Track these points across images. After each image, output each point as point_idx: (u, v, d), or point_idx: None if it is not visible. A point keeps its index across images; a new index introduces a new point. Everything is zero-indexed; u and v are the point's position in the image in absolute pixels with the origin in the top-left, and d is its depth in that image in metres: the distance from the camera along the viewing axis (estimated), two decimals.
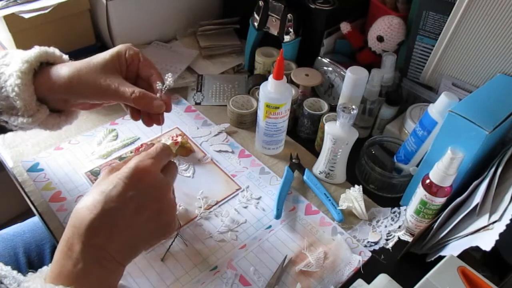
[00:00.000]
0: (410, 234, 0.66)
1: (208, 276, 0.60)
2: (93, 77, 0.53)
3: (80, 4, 0.88)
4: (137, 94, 0.52)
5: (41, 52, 0.55)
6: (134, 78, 0.57)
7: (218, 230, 0.65)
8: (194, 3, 1.02)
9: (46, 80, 0.54)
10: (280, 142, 0.77)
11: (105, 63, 0.54)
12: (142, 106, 0.53)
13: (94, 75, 0.53)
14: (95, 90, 0.53)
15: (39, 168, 0.72)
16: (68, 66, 0.55)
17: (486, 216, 0.55)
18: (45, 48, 0.56)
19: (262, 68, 0.90)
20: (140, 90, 0.53)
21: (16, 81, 0.52)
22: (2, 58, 0.55)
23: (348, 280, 0.60)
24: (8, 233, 0.77)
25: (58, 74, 0.54)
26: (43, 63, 0.55)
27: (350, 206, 0.68)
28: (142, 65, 0.56)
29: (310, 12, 0.83)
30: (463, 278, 0.48)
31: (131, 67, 0.56)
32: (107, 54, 0.55)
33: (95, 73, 0.53)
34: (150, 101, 0.53)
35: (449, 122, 0.59)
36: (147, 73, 0.56)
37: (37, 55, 0.54)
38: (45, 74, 0.54)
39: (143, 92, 0.53)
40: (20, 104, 0.52)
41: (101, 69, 0.54)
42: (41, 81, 0.54)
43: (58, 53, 0.57)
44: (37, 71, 0.54)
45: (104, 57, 0.55)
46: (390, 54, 0.78)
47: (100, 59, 0.54)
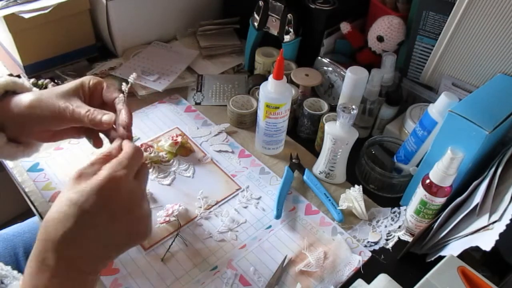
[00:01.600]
0: (410, 234, 0.66)
1: (208, 276, 0.60)
2: (52, 101, 0.54)
3: (80, 4, 0.88)
4: (91, 112, 0.54)
5: (9, 81, 0.56)
6: (100, 105, 0.58)
7: (218, 230, 0.65)
8: (194, 3, 1.02)
9: (7, 107, 0.55)
10: (280, 142, 0.77)
11: (67, 90, 0.56)
12: (94, 123, 0.54)
13: (54, 100, 0.55)
14: (52, 113, 0.54)
15: (39, 168, 0.72)
16: (31, 93, 0.57)
17: (486, 216, 0.55)
18: (14, 78, 0.58)
19: (262, 68, 0.90)
20: (94, 109, 0.54)
21: None
22: None
23: (348, 280, 0.60)
24: (8, 233, 0.77)
25: (19, 100, 0.55)
26: (9, 91, 0.57)
27: (350, 206, 0.68)
28: (105, 91, 0.58)
29: (310, 12, 0.83)
30: (463, 278, 0.48)
31: (94, 95, 0.58)
32: (72, 82, 0.57)
33: (55, 97, 0.55)
34: (100, 117, 0.54)
35: (449, 122, 0.59)
36: (110, 97, 0.58)
37: (3, 83, 0.55)
38: (7, 101, 0.55)
39: (96, 110, 0.54)
40: None
41: (62, 94, 0.55)
42: (3, 108, 0.55)
43: (27, 85, 0.59)
44: (1, 99, 0.56)
45: (69, 84, 0.57)
46: (390, 54, 0.78)
47: (63, 87, 0.56)
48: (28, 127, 0.57)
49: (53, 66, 0.91)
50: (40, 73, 0.90)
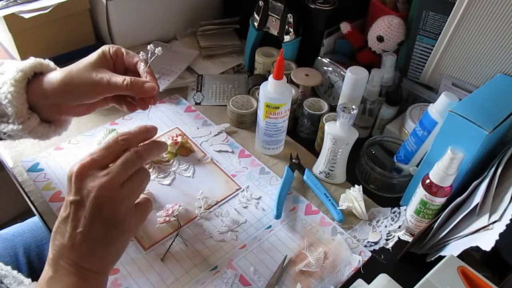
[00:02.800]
0: (410, 234, 0.66)
1: (208, 276, 0.60)
2: (85, 74, 0.56)
3: (80, 4, 0.88)
4: (129, 81, 0.56)
5: (36, 63, 0.57)
6: (123, 71, 0.60)
7: (218, 230, 0.65)
8: (194, 3, 1.02)
9: (39, 88, 0.56)
10: (280, 142, 0.77)
11: (93, 62, 0.57)
12: (135, 91, 0.56)
13: (86, 73, 0.56)
14: (88, 86, 0.56)
15: (39, 168, 0.72)
16: (59, 71, 0.58)
17: (486, 216, 0.55)
18: (40, 59, 0.58)
19: (262, 68, 0.90)
20: (130, 77, 0.56)
21: (9, 89, 0.54)
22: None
23: (348, 280, 0.60)
24: (8, 233, 0.77)
25: (50, 80, 0.56)
26: (37, 73, 0.58)
27: (350, 206, 0.68)
28: (126, 58, 0.60)
29: (310, 12, 0.83)
30: (463, 278, 0.48)
31: (117, 62, 0.60)
32: (93, 54, 0.58)
33: (86, 71, 0.56)
34: (142, 85, 0.56)
35: (449, 122, 0.59)
36: (132, 62, 0.59)
37: (31, 65, 0.56)
38: (38, 82, 0.57)
39: (134, 78, 0.56)
40: (11, 111, 0.54)
41: (91, 67, 0.57)
42: (33, 89, 0.56)
43: (52, 65, 0.60)
44: (31, 80, 0.56)
45: (91, 56, 0.58)
46: (390, 54, 0.78)
47: (88, 59, 0.58)
48: (64, 104, 0.58)
49: None
50: None
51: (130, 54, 0.60)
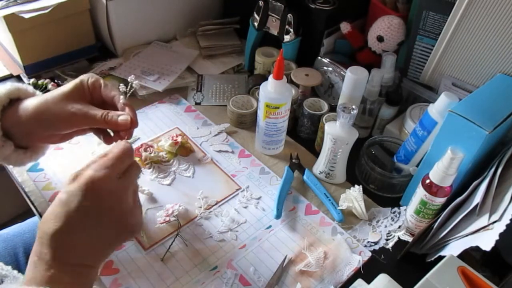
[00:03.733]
0: (410, 234, 0.66)
1: (208, 276, 0.60)
2: (60, 105, 0.55)
3: (80, 4, 0.88)
4: (105, 114, 0.55)
5: (12, 89, 0.56)
6: (100, 103, 0.59)
7: (218, 230, 0.65)
8: (194, 3, 1.02)
9: (13, 115, 0.55)
10: (280, 142, 0.77)
11: (70, 92, 0.56)
12: (110, 125, 0.56)
13: (62, 103, 0.55)
14: (64, 118, 0.55)
15: (39, 168, 0.72)
16: (35, 98, 0.57)
17: (486, 216, 0.55)
18: (18, 84, 0.58)
19: (262, 68, 0.90)
20: (107, 111, 0.56)
21: None
22: None
23: (348, 280, 0.60)
24: (8, 233, 0.77)
25: (25, 107, 0.55)
26: (13, 99, 0.57)
27: (350, 206, 0.68)
28: (103, 90, 0.58)
29: (310, 12, 0.83)
30: (463, 278, 0.48)
31: (94, 93, 0.58)
32: (70, 83, 0.57)
33: (62, 101, 0.55)
34: (116, 119, 0.55)
35: (449, 122, 0.59)
36: (109, 95, 0.58)
37: (7, 92, 0.55)
38: (13, 108, 0.56)
39: (109, 113, 0.56)
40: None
41: (67, 97, 0.55)
42: (8, 116, 0.55)
43: (31, 90, 0.59)
44: (6, 107, 0.56)
45: (68, 86, 0.57)
46: (390, 54, 0.78)
47: (65, 88, 0.56)
48: (37, 132, 0.57)
49: (53, 66, 0.91)
50: (40, 73, 0.90)
51: (108, 87, 0.58)
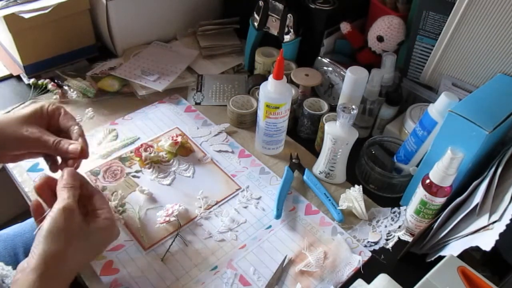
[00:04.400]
0: (410, 234, 0.66)
1: (208, 276, 0.60)
2: (14, 127, 0.56)
3: (80, 4, 0.88)
4: (57, 141, 0.56)
5: None
6: (55, 131, 0.59)
7: (218, 230, 0.65)
8: (194, 3, 1.02)
9: None
10: (280, 142, 0.77)
11: (27, 116, 0.57)
12: (60, 152, 0.57)
13: (16, 126, 0.56)
14: (16, 140, 0.56)
15: (39, 168, 0.72)
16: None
17: (486, 216, 0.55)
18: None
19: (262, 68, 0.90)
20: (60, 139, 0.57)
21: None
22: None
23: (348, 280, 0.60)
24: (8, 233, 0.76)
25: None
26: None
27: (350, 206, 0.68)
28: (62, 118, 0.59)
29: (310, 12, 0.83)
30: (463, 278, 0.48)
31: (52, 120, 0.59)
32: (29, 107, 0.58)
33: (16, 124, 0.56)
34: (67, 146, 0.56)
35: (449, 122, 0.59)
36: (66, 124, 0.59)
37: None
38: None
39: (62, 140, 0.57)
40: None
41: (22, 120, 0.56)
42: None
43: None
44: None
45: (27, 109, 0.57)
46: (390, 54, 0.78)
47: (22, 112, 0.57)
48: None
49: (53, 66, 0.91)
50: (40, 73, 0.90)
51: (68, 116, 0.60)
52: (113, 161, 0.74)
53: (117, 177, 0.72)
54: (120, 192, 0.68)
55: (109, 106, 0.85)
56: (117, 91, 0.87)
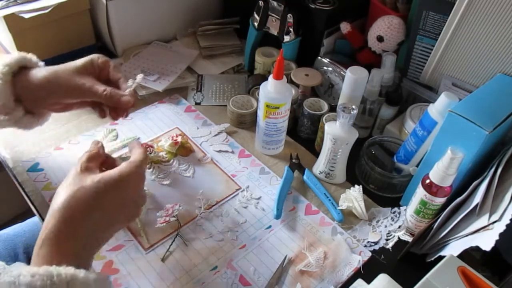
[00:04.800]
0: (410, 234, 0.66)
1: (208, 276, 0.60)
2: (69, 76, 0.60)
3: (80, 4, 0.88)
4: (109, 91, 0.61)
5: (21, 58, 0.61)
6: (105, 82, 0.64)
7: (218, 230, 0.65)
8: (194, 3, 1.02)
9: (24, 81, 0.60)
10: (280, 142, 0.77)
11: (79, 66, 0.62)
12: (111, 101, 0.61)
13: (70, 75, 0.61)
14: (70, 88, 0.60)
15: (39, 168, 0.72)
16: (45, 68, 0.62)
17: (486, 216, 0.55)
18: (24, 53, 0.62)
19: (262, 68, 0.90)
20: (111, 88, 0.61)
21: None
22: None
23: (348, 280, 0.60)
24: (8, 233, 0.77)
25: (36, 75, 0.60)
26: (22, 67, 0.61)
27: (350, 206, 0.68)
28: (111, 70, 0.64)
29: (310, 12, 0.83)
30: (463, 278, 0.48)
31: (102, 72, 0.64)
32: (81, 59, 0.63)
33: (70, 73, 0.61)
34: (119, 97, 0.61)
35: (449, 122, 0.59)
36: (116, 76, 0.64)
37: (17, 60, 0.60)
38: (23, 75, 0.60)
39: (114, 90, 0.61)
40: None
41: (76, 71, 0.61)
42: (19, 82, 0.60)
43: (35, 60, 0.64)
44: (16, 74, 0.60)
45: (79, 61, 0.62)
46: (390, 54, 0.78)
47: (75, 62, 0.62)
48: (43, 99, 0.62)
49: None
50: None
51: (117, 69, 0.65)
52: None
53: None
54: None
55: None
56: None
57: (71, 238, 0.45)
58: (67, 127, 0.77)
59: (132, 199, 0.51)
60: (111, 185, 0.49)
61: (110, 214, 0.49)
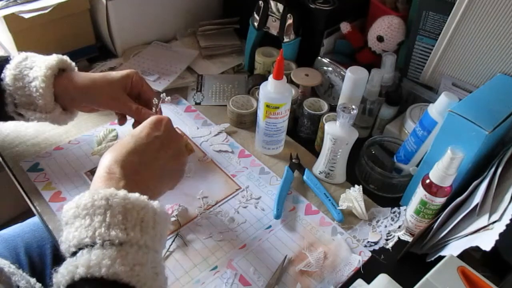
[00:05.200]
0: (410, 234, 0.66)
1: (208, 276, 0.60)
2: (106, 88, 0.66)
3: (80, 4, 0.88)
4: (141, 110, 0.66)
5: (59, 61, 0.65)
6: (135, 95, 0.69)
7: (218, 230, 0.65)
8: (194, 3, 1.02)
9: (64, 83, 0.65)
10: (280, 142, 0.77)
11: (117, 80, 0.67)
12: (141, 118, 0.65)
13: (108, 87, 0.66)
14: (108, 99, 0.67)
15: (39, 168, 0.72)
16: (83, 74, 0.67)
17: (486, 216, 0.55)
18: (62, 57, 0.66)
19: (262, 68, 0.90)
20: (142, 107, 0.67)
21: (41, 84, 0.62)
22: (23, 62, 0.65)
23: (348, 280, 0.60)
24: (9, 233, 0.77)
25: (76, 79, 0.66)
26: (61, 69, 0.66)
27: (350, 206, 0.68)
28: (145, 89, 0.70)
29: (310, 12, 0.83)
30: (463, 278, 0.48)
31: (134, 88, 0.69)
32: (119, 73, 0.68)
33: (109, 85, 0.66)
34: (148, 116, 0.62)
35: (449, 122, 0.59)
36: (148, 96, 0.69)
37: (58, 63, 0.65)
38: (63, 78, 0.65)
39: (145, 109, 0.67)
40: (41, 103, 0.63)
41: (112, 84, 0.66)
42: (58, 84, 0.64)
43: (73, 64, 0.69)
44: (56, 76, 0.65)
45: (117, 74, 0.67)
46: (390, 54, 0.78)
47: (113, 75, 0.67)
48: (79, 101, 0.68)
49: None
50: None
51: (149, 88, 0.70)
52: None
53: None
54: None
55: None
56: None
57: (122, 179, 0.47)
58: (67, 127, 0.76)
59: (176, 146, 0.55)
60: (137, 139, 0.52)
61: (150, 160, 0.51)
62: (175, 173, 0.56)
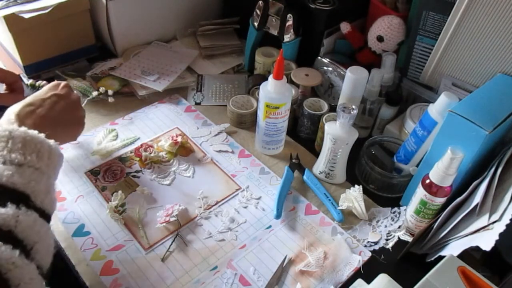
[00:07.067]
0: (410, 234, 0.66)
1: (208, 276, 0.60)
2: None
3: (80, 4, 0.88)
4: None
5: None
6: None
7: (218, 230, 0.65)
8: (194, 3, 1.02)
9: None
10: (280, 142, 0.77)
11: None
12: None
13: None
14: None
15: None
16: None
17: (486, 216, 0.55)
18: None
19: (262, 68, 0.90)
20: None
21: None
22: None
23: (348, 280, 0.60)
24: None
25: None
26: None
27: (350, 206, 0.68)
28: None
29: (310, 12, 0.83)
30: (463, 278, 0.48)
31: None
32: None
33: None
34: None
35: (449, 122, 0.59)
36: (11, 79, 0.73)
37: None
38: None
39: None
40: None
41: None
42: None
43: None
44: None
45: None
46: (390, 54, 0.78)
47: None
48: None
49: (53, 66, 0.91)
50: (40, 73, 0.90)
51: (7, 72, 0.73)
52: (113, 161, 0.74)
53: (117, 177, 0.72)
54: (120, 192, 0.68)
55: (109, 106, 0.85)
56: (117, 91, 0.87)
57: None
58: None
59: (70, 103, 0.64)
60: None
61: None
62: (72, 125, 0.65)
